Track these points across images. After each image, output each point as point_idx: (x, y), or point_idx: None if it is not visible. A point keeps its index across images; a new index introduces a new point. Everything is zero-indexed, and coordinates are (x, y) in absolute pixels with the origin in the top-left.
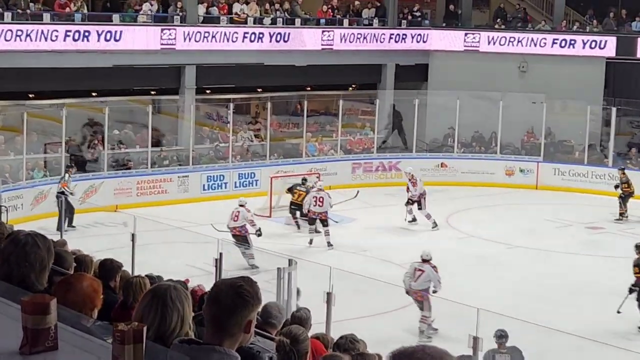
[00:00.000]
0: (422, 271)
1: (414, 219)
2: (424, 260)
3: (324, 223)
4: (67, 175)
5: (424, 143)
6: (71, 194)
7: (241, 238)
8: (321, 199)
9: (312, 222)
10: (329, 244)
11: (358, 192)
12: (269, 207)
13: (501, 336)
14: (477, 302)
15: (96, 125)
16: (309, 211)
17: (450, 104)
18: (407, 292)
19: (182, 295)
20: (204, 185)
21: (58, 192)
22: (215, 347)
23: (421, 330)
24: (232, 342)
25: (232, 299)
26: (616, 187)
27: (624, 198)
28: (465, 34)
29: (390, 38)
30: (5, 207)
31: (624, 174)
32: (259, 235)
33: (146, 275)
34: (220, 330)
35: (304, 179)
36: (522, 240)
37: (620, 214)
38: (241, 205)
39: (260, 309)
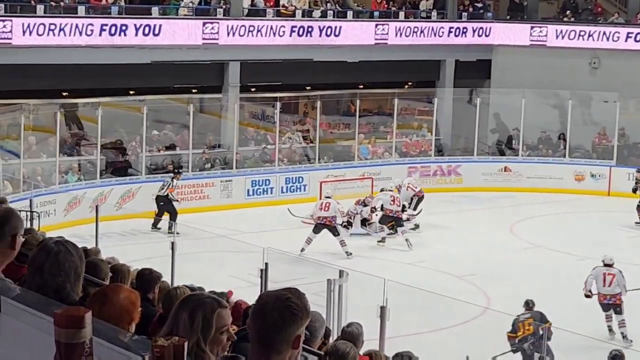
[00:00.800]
0: (612, 275)
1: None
2: (607, 265)
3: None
4: (174, 180)
5: (485, 145)
6: (176, 200)
7: (331, 228)
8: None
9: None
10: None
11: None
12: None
13: (615, 356)
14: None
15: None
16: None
17: (515, 103)
18: (587, 296)
19: (218, 306)
20: (248, 191)
21: (160, 196)
22: None
23: (623, 335)
24: (280, 359)
25: (279, 312)
26: (634, 190)
27: None
28: (532, 28)
29: (450, 32)
30: (37, 213)
31: None
32: (347, 227)
33: (186, 286)
34: (267, 347)
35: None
36: (593, 252)
37: None
38: (328, 197)
39: None
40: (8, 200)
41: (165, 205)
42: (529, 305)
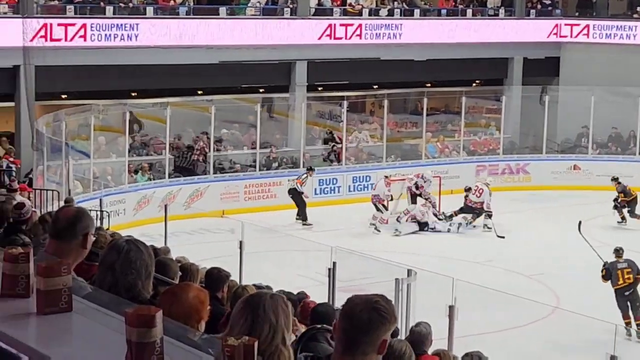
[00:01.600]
0: None
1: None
2: None
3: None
4: (306, 176)
5: (554, 143)
6: (304, 195)
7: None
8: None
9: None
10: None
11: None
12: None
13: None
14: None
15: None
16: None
17: (584, 100)
18: None
19: (279, 305)
20: (315, 189)
21: (290, 189)
22: None
23: None
24: None
25: (368, 315)
26: (615, 200)
27: (625, 206)
28: (601, 24)
29: (518, 29)
30: (107, 212)
31: (618, 183)
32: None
33: (254, 285)
34: (352, 348)
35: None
36: None
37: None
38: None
39: None
40: (76, 201)
41: (294, 197)
42: (619, 252)
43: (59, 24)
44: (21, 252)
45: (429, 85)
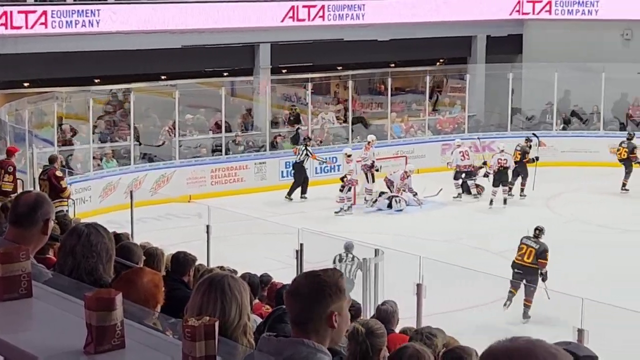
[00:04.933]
0: None
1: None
2: None
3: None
4: (308, 147)
5: (519, 120)
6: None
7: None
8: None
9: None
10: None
11: (441, 189)
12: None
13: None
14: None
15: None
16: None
17: (548, 77)
18: None
19: (240, 284)
20: (282, 172)
21: (296, 163)
22: (303, 341)
23: None
24: (320, 339)
25: (309, 289)
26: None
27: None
28: (563, 1)
29: (480, 7)
30: (73, 200)
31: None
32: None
33: (219, 268)
34: (301, 324)
35: None
36: (634, 224)
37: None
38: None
39: None
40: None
41: (297, 172)
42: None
43: (19, 12)
44: None
45: (393, 65)
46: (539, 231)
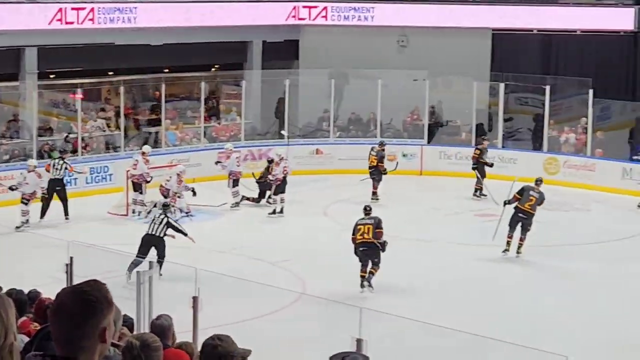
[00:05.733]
0: None
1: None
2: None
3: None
4: (65, 160)
5: (296, 128)
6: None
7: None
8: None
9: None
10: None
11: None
12: (125, 205)
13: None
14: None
15: None
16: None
17: (324, 84)
18: None
19: (6, 302)
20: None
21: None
22: None
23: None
24: (89, 355)
25: (78, 307)
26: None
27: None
28: (339, 6)
29: (256, 12)
30: None
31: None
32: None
33: None
34: (71, 344)
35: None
36: (408, 231)
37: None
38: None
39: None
40: None
41: (62, 189)
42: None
43: None
44: None
45: (167, 70)
46: (369, 209)
